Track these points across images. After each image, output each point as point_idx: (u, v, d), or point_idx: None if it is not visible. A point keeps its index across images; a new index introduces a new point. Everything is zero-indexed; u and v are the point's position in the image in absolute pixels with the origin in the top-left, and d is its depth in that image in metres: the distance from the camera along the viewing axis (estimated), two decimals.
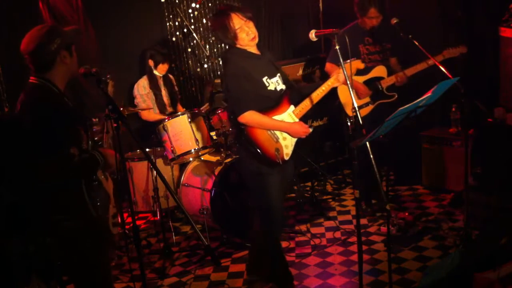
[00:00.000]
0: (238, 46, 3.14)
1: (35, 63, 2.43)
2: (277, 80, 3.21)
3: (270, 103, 3.16)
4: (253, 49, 3.17)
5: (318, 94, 3.20)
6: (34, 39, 2.40)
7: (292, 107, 3.23)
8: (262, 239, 3.39)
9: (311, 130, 3.18)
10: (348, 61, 3.04)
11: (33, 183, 2.40)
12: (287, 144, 3.19)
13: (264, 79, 3.14)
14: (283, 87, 3.24)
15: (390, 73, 4.35)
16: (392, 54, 4.45)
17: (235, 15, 3.05)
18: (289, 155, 3.21)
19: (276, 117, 3.16)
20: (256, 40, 3.13)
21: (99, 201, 2.52)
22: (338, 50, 2.80)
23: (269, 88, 3.15)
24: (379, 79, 4.34)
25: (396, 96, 4.34)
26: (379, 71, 4.36)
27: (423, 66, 4.19)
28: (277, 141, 3.15)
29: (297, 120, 3.22)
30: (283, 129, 3.15)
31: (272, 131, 3.14)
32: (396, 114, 2.63)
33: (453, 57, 4.16)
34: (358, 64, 3.24)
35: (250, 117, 3.06)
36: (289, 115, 3.21)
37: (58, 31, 2.46)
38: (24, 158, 2.35)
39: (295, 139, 3.22)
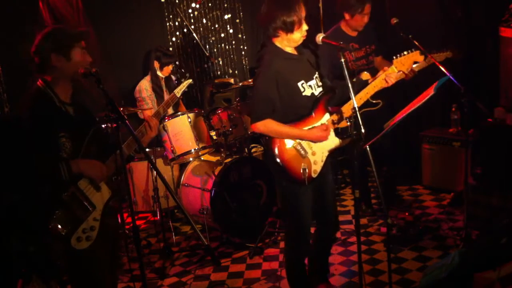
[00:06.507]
0: (277, 42, 2.88)
1: (34, 64, 2.46)
2: (314, 83, 2.97)
3: (303, 112, 2.92)
4: (291, 50, 2.94)
5: (361, 98, 2.99)
6: (35, 41, 2.44)
7: (327, 115, 2.97)
8: (287, 257, 3.23)
9: (332, 128, 2.88)
10: (405, 52, 2.99)
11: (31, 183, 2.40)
12: (316, 160, 2.92)
13: (300, 83, 2.90)
14: (320, 90, 2.99)
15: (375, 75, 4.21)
16: (376, 54, 4.33)
17: (303, 6, 2.77)
18: (318, 172, 2.92)
19: (309, 128, 2.91)
20: (301, 41, 2.90)
21: (60, 214, 2.38)
22: (343, 63, 2.65)
23: (304, 93, 2.91)
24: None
25: (381, 103, 4.27)
26: (364, 77, 4.22)
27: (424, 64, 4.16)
28: (305, 156, 2.89)
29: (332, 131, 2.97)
30: (302, 137, 2.87)
31: (301, 146, 2.88)
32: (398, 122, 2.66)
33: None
34: (416, 56, 3.03)
35: (264, 126, 2.83)
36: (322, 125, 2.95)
37: (54, 33, 2.45)
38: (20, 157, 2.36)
39: (326, 154, 2.96)
